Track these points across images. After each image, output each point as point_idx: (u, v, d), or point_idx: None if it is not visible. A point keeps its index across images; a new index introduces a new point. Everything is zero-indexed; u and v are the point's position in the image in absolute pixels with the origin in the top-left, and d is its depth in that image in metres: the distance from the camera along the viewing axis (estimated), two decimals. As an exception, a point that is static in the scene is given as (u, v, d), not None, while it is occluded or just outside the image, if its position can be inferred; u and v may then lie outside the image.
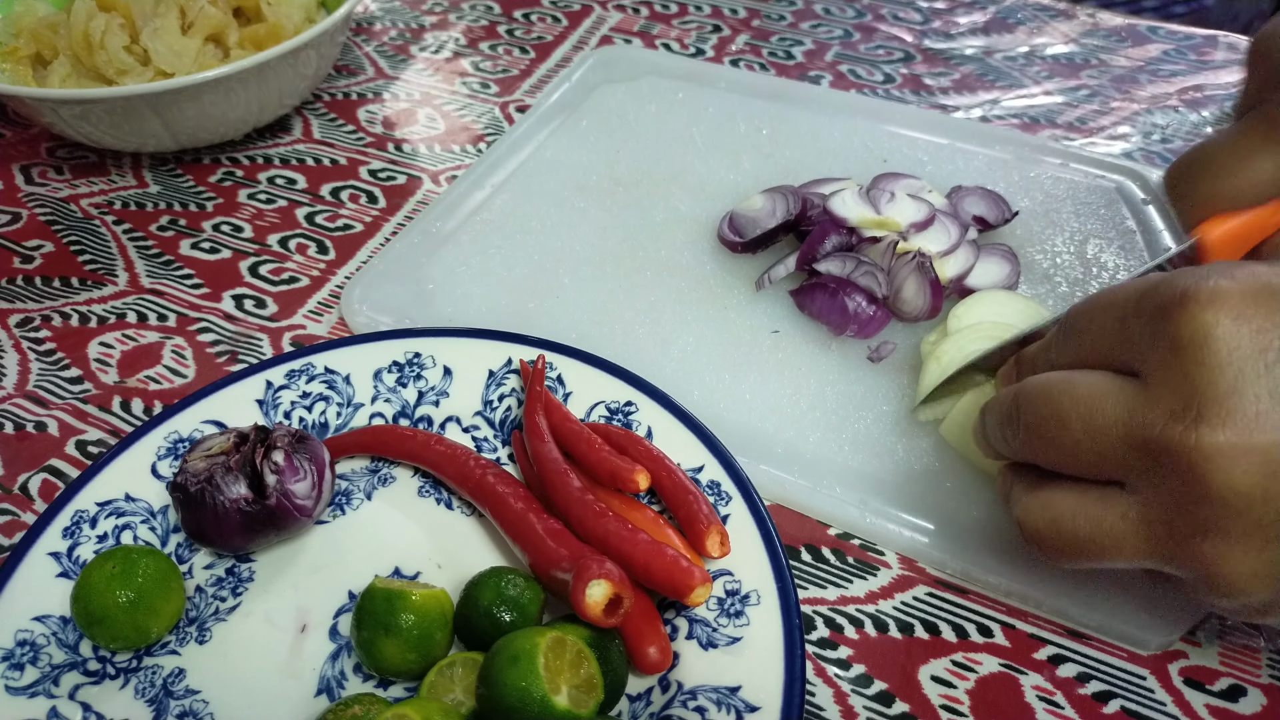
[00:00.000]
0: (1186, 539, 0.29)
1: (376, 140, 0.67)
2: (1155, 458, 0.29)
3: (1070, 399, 0.32)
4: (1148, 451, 0.30)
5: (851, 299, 0.48)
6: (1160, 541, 0.30)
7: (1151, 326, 0.30)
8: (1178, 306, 0.29)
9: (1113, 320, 0.32)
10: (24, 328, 0.53)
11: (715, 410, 0.46)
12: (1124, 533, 0.31)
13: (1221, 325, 0.28)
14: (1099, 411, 0.31)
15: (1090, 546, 0.32)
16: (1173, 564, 0.30)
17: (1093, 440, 0.31)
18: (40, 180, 0.64)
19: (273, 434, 0.40)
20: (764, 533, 0.37)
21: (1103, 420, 0.31)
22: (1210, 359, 0.28)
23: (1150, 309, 0.31)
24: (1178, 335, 0.29)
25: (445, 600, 0.36)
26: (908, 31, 0.77)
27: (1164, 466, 0.29)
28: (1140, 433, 0.30)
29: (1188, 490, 0.29)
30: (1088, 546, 0.32)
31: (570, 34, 0.78)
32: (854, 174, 0.58)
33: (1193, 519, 0.29)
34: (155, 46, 0.61)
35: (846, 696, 0.37)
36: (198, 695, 0.36)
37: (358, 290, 0.53)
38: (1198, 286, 0.29)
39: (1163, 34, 0.76)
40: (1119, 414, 0.30)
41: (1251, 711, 0.36)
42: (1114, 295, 0.33)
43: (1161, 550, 0.30)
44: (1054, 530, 0.33)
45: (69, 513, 0.39)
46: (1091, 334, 0.33)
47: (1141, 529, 0.31)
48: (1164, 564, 0.31)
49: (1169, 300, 0.30)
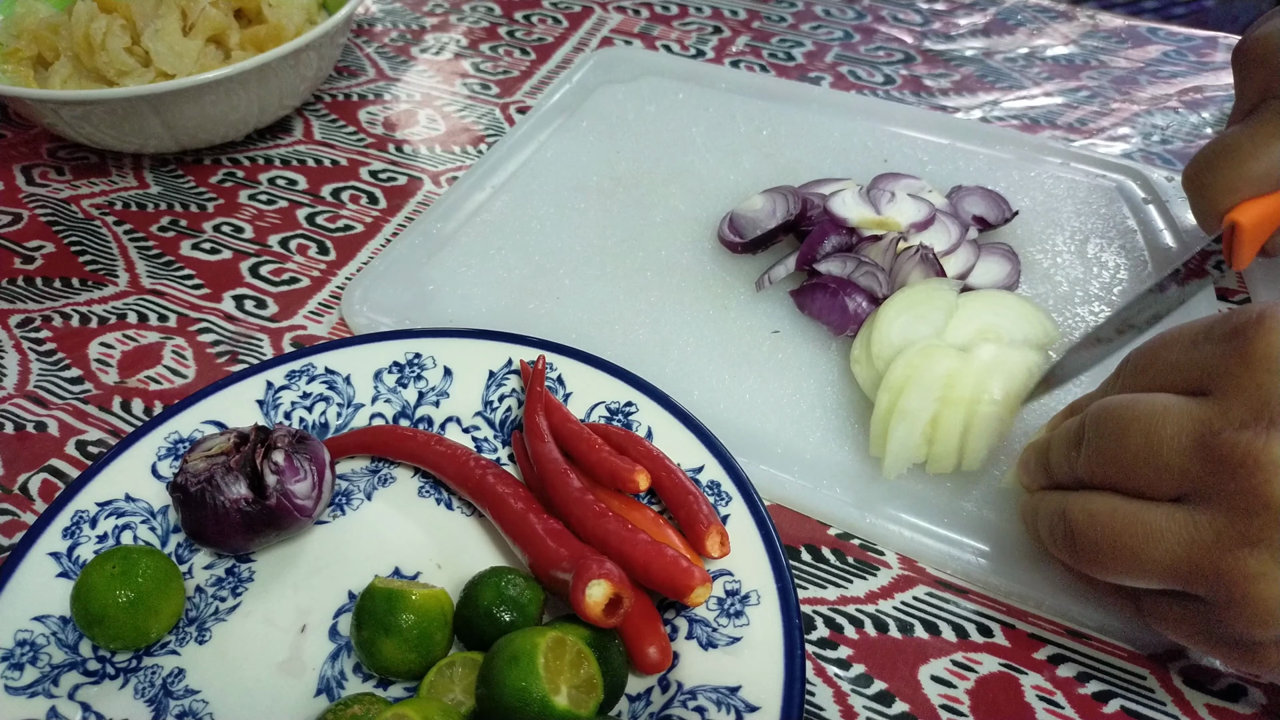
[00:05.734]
0: (1231, 549, 0.29)
1: (377, 141, 0.67)
2: (1218, 463, 0.29)
3: (1135, 412, 0.32)
4: (1211, 458, 0.29)
5: (852, 299, 0.48)
6: (1203, 549, 0.29)
7: (1224, 346, 0.30)
8: (1254, 325, 0.30)
9: (1181, 350, 0.32)
10: (25, 328, 0.53)
11: (715, 410, 0.46)
12: (1165, 531, 0.30)
13: None
14: (1166, 423, 0.31)
15: (1125, 544, 0.31)
16: (1207, 581, 0.29)
17: (1154, 451, 0.31)
18: (41, 181, 0.65)
19: (273, 434, 0.40)
20: (764, 533, 0.37)
21: (1169, 431, 0.30)
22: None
23: (1223, 332, 0.31)
24: (1252, 350, 0.29)
25: (445, 600, 0.36)
26: (908, 33, 0.77)
27: (1225, 473, 0.29)
28: (1207, 440, 0.29)
29: (1245, 498, 0.28)
30: (1122, 543, 0.31)
31: (571, 35, 0.78)
32: (854, 174, 0.58)
33: (1244, 529, 0.28)
34: (156, 48, 0.61)
35: (846, 696, 0.37)
36: (197, 695, 0.36)
37: (358, 291, 0.53)
38: (1275, 307, 0.30)
39: (1162, 35, 0.76)
40: (1186, 424, 0.30)
41: (1251, 711, 0.36)
42: (1181, 329, 0.33)
43: (1201, 560, 0.29)
44: (1089, 524, 0.32)
45: (69, 513, 0.39)
46: (1157, 366, 0.33)
47: (1186, 531, 0.30)
48: (1197, 581, 0.30)
49: (1245, 320, 0.30)
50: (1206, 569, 0.29)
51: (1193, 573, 0.30)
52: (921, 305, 0.45)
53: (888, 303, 0.45)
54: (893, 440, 0.41)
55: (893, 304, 0.45)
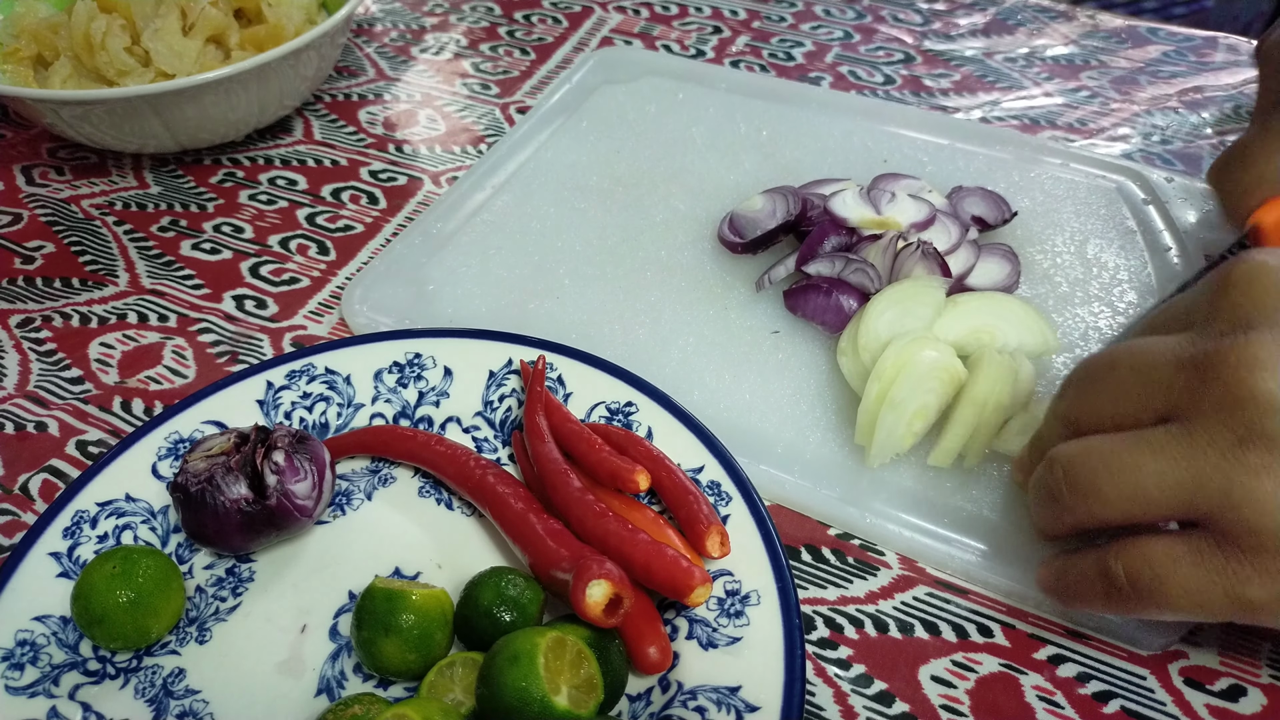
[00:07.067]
0: (1229, 450, 0.29)
1: (377, 141, 0.67)
2: (1201, 371, 0.30)
3: (1117, 351, 0.33)
4: (1193, 368, 0.30)
5: (845, 297, 0.48)
6: (1200, 457, 0.29)
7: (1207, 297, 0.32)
8: (1232, 261, 0.31)
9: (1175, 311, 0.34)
10: (25, 328, 0.53)
11: (715, 410, 0.46)
12: (1161, 447, 0.30)
13: (1272, 266, 0.30)
14: (1149, 351, 0.32)
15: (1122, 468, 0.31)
16: (1209, 488, 0.29)
17: (1140, 377, 0.31)
18: (41, 181, 0.65)
19: (273, 434, 0.40)
20: (764, 533, 0.37)
21: (1153, 357, 0.31)
22: (1263, 283, 0.30)
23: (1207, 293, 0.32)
24: (1229, 278, 0.31)
25: (445, 600, 0.36)
26: (907, 33, 0.77)
27: (1208, 378, 0.29)
28: (1189, 356, 0.30)
29: (1231, 396, 0.29)
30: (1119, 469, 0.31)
31: (571, 35, 0.78)
32: (854, 174, 0.58)
33: (1236, 427, 0.29)
34: (156, 47, 0.61)
35: (846, 696, 0.37)
36: (198, 695, 0.36)
37: (358, 291, 0.53)
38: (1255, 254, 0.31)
39: (1162, 35, 0.76)
40: (1168, 351, 0.31)
41: (1251, 711, 0.36)
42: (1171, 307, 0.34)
43: (1200, 468, 0.29)
44: (1084, 459, 0.32)
45: (69, 513, 0.39)
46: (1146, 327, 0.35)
47: (1181, 444, 0.30)
48: (1199, 493, 0.29)
49: (1224, 271, 0.31)
50: (1207, 475, 0.29)
51: (1195, 483, 0.30)
52: (910, 301, 0.45)
53: (876, 297, 0.46)
54: (880, 430, 0.42)
55: (881, 298, 0.46)
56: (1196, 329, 0.31)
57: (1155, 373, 0.31)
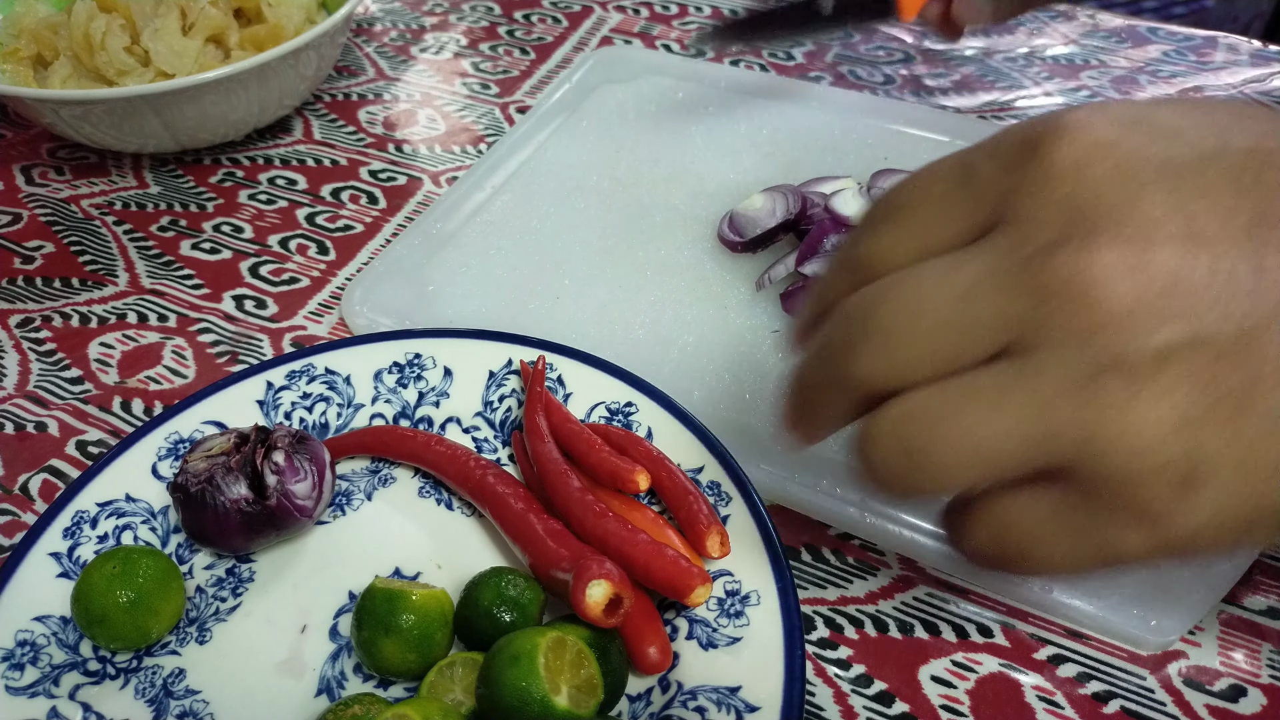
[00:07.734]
0: (1086, 384, 0.23)
1: (377, 141, 0.67)
2: (1036, 296, 0.23)
3: (913, 281, 0.25)
4: (1025, 292, 0.23)
5: (850, 298, 0.48)
6: (1053, 396, 0.23)
7: (1014, 163, 0.25)
8: (1052, 135, 0.24)
9: (952, 182, 0.26)
10: (24, 328, 0.53)
11: (715, 410, 0.46)
12: (1002, 393, 0.24)
13: (1104, 142, 0.24)
14: (957, 277, 0.24)
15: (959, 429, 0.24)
16: (1068, 430, 0.23)
17: (954, 312, 0.24)
18: (41, 181, 0.65)
19: (273, 434, 0.40)
20: (764, 533, 0.37)
21: (965, 283, 0.24)
22: (1095, 173, 0.23)
23: (1010, 148, 0.25)
24: (1052, 161, 0.24)
25: (445, 600, 0.36)
26: (907, 32, 0.77)
27: (1049, 304, 0.23)
28: (1013, 275, 0.24)
29: (1082, 323, 0.23)
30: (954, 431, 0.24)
31: (570, 35, 0.78)
32: (855, 172, 0.58)
33: (1093, 356, 0.23)
34: (156, 47, 0.61)
35: (846, 696, 0.37)
36: (198, 695, 0.36)
37: (358, 291, 0.53)
38: (1070, 114, 0.25)
39: (1162, 35, 0.76)
40: (982, 269, 0.24)
41: (1251, 711, 0.36)
42: (942, 161, 0.27)
43: (1056, 408, 0.23)
44: (904, 426, 0.25)
45: (69, 513, 0.39)
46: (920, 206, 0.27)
47: (1026, 384, 0.24)
48: (1057, 437, 0.23)
49: (1039, 132, 0.25)
50: (1060, 423, 0.23)
51: (1046, 435, 0.24)
52: None
53: None
54: None
55: None
56: (1010, 231, 0.24)
57: (976, 308, 0.24)
